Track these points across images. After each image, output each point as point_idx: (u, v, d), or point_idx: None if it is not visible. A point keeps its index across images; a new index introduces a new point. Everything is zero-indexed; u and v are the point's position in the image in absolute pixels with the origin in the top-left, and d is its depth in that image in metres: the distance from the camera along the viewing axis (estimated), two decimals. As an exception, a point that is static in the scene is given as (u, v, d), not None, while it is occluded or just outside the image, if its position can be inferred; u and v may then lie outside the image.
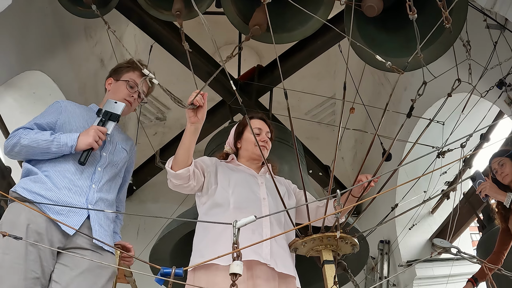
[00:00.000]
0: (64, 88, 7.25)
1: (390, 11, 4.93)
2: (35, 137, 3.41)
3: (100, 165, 3.65)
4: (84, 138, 3.47)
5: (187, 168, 3.66)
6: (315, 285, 5.31)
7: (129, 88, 3.94)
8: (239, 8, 5.20)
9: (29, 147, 3.41)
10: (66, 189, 3.40)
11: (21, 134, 3.43)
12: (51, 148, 3.41)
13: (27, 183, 3.39)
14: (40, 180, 3.39)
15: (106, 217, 3.57)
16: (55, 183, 3.40)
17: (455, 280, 7.61)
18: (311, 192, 5.19)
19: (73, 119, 3.70)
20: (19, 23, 5.57)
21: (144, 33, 7.32)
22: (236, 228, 2.17)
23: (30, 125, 3.54)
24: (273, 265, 3.56)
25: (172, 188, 3.82)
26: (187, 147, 3.61)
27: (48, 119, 3.63)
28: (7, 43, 5.35)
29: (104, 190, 3.61)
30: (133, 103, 3.98)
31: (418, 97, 3.76)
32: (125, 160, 3.94)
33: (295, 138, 4.16)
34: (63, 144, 3.42)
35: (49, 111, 3.74)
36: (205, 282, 3.43)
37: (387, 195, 7.91)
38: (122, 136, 4.03)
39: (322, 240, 3.41)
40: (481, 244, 6.79)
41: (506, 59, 5.04)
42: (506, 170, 5.08)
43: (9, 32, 5.36)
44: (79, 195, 3.43)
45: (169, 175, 3.70)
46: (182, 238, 5.11)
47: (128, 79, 3.96)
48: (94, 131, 3.50)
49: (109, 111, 3.70)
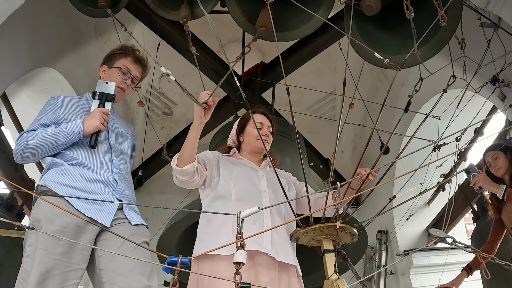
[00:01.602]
0: (75, 84, 7.26)
1: (388, 10, 4.93)
2: (41, 135, 3.37)
3: (114, 154, 3.64)
4: (91, 121, 3.45)
5: (192, 164, 3.69)
6: (316, 273, 5.31)
7: (121, 75, 3.88)
8: (242, 8, 5.21)
9: (39, 147, 3.37)
10: (95, 181, 3.39)
11: (27, 137, 3.39)
12: (59, 140, 3.38)
13: (55, 176, 3.34)
14: (67, 172, 3.35)
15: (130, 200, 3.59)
16: (82, 173, 3.37)
17: (450, 269, 7.60)
18: (312, 184, 5.20)
19: (73, 111, 3.66)
20: (32, 22, 5.57)
21: (151, 32, 7.30)
22: (240, 218, 2.17)
23: (35, 127, 3.49)
24: (274, 254, 3.57)
25: (178, 185, 3.84)
26: (192, 145, 3.63)
27: (49, 116, 3.58)
28: (20, 41, 5.35)
29: (124, 180, 3.61)
30: (126, 90, 3.92)
31: (415, 93, 3.76)
32: (131, 144, 3.92)
33: (296, 132, 4.18)
34: (70, 132, 3.40)
35: (48, 108, 3.69)
36: (209, 271, 3.45)
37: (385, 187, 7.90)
38: (122, 121, 3.99)
39: (323, 230, 3.43)
40: (475, 234, 6.78)
41: (499, 56, 5.05)
42: (499, 163, 5.08)
43: (22, 30, 5.36)
44: (107, 185, 3.43)
45: (175, 172, 3.72)
46: (188, 228, 5.11)
47: (120, 66, 3.90)
48: (99, 114, 3.49)
49: (103, 92, 3.67)
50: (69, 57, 6.93)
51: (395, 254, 8.58)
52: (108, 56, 4.05)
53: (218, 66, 7.29)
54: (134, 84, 4.01)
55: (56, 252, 3.01)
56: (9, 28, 4.84)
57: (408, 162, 7.53)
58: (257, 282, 3.42)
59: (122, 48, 4.05)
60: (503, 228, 5.33)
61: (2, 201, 6.51)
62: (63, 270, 3.01)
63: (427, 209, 8.87)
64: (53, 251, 3.00)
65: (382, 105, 3.94)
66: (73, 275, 3.06)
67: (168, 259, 2.14)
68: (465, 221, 9.16)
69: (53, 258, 2.99)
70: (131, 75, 3.93)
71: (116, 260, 3.18)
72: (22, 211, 6.60)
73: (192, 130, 3.59)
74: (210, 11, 5.15)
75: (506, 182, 5.05)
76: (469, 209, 7.47)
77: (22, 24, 5.33)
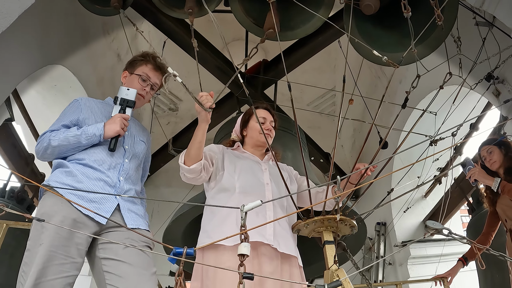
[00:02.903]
0: (83, 81, 7.28)
1: (386, 9, 4.93)
2: (64, 136, 3.42)
3: (127, 157, 3.65)
4: (112, 126, 3.50)
5: (199, 162, 3.69)
6: (317, 263, 5.32)
7: (141, 82, 3.89)
8: (245, 7, 5.20)
9: (61, 146, 3.42)
10: (98, 179, 3.39)
11: (50, 137, 3.44)
12: (81, 142, 3.43)
13: (59, 176, 3.37)
14: (71, 173, 3.36)
15: (134, 202, 3.57)
16: (87, 174, 3.39)
17: (446, 259, 7.62)
18: (312, 178, 5.21)
19: (94, 113, 3.68)
20: (42, 20, 5.58)
21: (158, 30, 7.30)
22: (244, 212, 2.18)
23: (57, 127, 3.53)
24: (276, 245, 3.58)
25: (185, 181, 3.84)
26: (200, 144, 3.64)
27: (71, 118, 3.61)
28: (30, 39, 5.35)
29: (131, 182, 3.60)
30: (145, 96, 3.92)
31: (412, 89, 3.76)
32: (145, 152, 3.91)
33: (298, 127, 4.17)
34: (92, 135, 3.44)
35: (70, 110, 3.72)
36: (213, 261, 3.46)
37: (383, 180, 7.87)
38: (138, 128, 3.99)
39: (323, 222, 3.43)
40: (471, 225, 6.79)
41: (494, 54, 5.05)
42: (494, 157, 5.09)
43: (33, 29, 5.36)
44: (110, 185, 3.42)
45: (183, 170, 3.71)
46: (193, 220, 5.12)
47: (140, 73, 3.91)
48: (120, 119, 3.53)
49: (124, 98, 3.70)
50: (77, 55, 6.94)
51: (393, 245, 8.61)
52: (129, 62, 4.06)
53: (221, 64, 7.30)
54: (154, 90, 4.02)
55: (53, 245, 3.04)
56: (20, 27, 4.85)
57: (406, 156, 7.54)
58: (261, 272, 3.44)
59: (143, 55, 4.05)
60: (498, 220, 5.34)
61: (13, 194, 6.56)
62: (60, 262, 3.04)
63: (424, 201, 8.89)
64: (50, 244, 3.04)
65: (380, 101, 3.95)
66: (70, 267, 3.08)
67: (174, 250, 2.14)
68: (461, 213, 9.18)
69: (51, 250, 3.02)
70: (151, 82, 3.94)
71: (117, 263, 3.21)
72: (33, 204, 6.63)
73: (199, 130, 3.59)
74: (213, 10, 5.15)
75: (500, 175, 5.07)
76: (465, 202, 7.48)
77: (33, 23, 5.34)
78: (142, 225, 3.50)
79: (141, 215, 3.59)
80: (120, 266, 3.19)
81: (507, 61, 5.02)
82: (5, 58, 4.78)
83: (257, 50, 3.35)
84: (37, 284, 2.94)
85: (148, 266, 3.27)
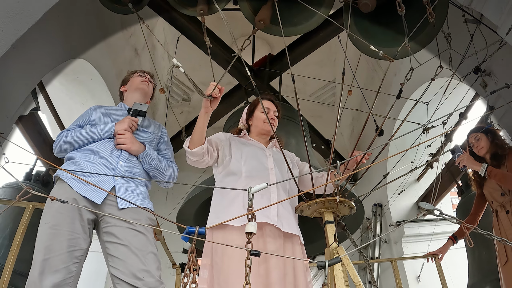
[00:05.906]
0: (103, 73, 7.31)
1: (382, 7, 4.94)
2: (78, 133, 3.69)
3: None
4: (120, 125, 3.74)
5: (201, 146, 3.74)
6: (318, 242, 5.34)
7: (139, 77, 4.26)
8: (252, 6, 5.21)
9: (76, 142, 3.66)
10: (99, 164, 3.51)
11: (66, 134, 3.70)
12: (94, 136, 3.67)
13: (66, 167, 3.54)
14: (77, 163, 3.52)
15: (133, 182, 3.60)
16: (90, 161, 3.53)
17: (438, 238, 7.65)
18: (314, 162, 5.21)
19: (101, 117, 3.92)
20: (65, 17, 5.57)
21: (172, 27, 7.30)
22: (251, 193, 2.18)
23: (72, 127, 3.80)
24: (279, 225, 3.61)
25: (190, 164, 3.90)
26: (201, 129, 3.69)
27: (83, 119, 3.91)
28: (54, 35, 5.36)
29: (132, 165, 3.67)
30: (149, 84, 4.31)
31: (406, 81, 3.77)
32: (151, 138, 4.00)
33: (301, 116, 4.20)
34: (104, 131, 3.70)
35: (83, 114, 4.00)
36: (222, 239, 3.50)
37: (380, 165, 7.93)
38: (148, 123, 4.12)
39: (324, 204, 3.43)
40: (460, 207, 6.79)
41: (481, 48, 5.04)
42: (481, 144, 5.08)
43: (57, 25, 5.36)
44: (109, 168, 3.52)
45: (187, 153, 3.80)
46: (204, 202, 5.14)
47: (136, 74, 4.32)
48: (129, 120, 3.79)
49: (137, 109, 3.96)
50: (98, 49, 6.95)
51: (388, 225, 8.63)
52: (122, 81, 4.40)
53: (231, 58, 7.25)
54: (152, 83, 4.37)
55: (58, 223, 3.20)
56: (45, 24, 4.85)
57: (400, 143, 7.55)
58: (265, 250, 3.46)
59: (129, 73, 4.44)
60: (485, 202, 5.34)
61: (38, 177, 6.62)
62: (66, 237, 3.17)
63: (417, 184, 8.89)
64: (54, 223, 3.20)
65: (377, 92, 3.95)
66: (76, 242, 3.20)
67: (187, 229, 2.16)
68: (451, 195, 9.19)
69: (55, 228, 3.17)
70: (148, 76, 4.32)
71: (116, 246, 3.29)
72: (57, 187, 6.66)
73: (200, 117, 3.64)
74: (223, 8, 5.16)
75: (487, 161, 5.06)
76: (454, 185, 7.48)
77: (57, 21, 5.34)
78: (140, 203, 3.53)
79: (142, 194, 3.65)
80: (118, 248, 3.27)
81: (494, 55, 5.00)
82: (31, 53, 4.79)
83: (250, 41, 3.35)
84: (46, 260, 3.06)
85: (144, 246, 3.32)
